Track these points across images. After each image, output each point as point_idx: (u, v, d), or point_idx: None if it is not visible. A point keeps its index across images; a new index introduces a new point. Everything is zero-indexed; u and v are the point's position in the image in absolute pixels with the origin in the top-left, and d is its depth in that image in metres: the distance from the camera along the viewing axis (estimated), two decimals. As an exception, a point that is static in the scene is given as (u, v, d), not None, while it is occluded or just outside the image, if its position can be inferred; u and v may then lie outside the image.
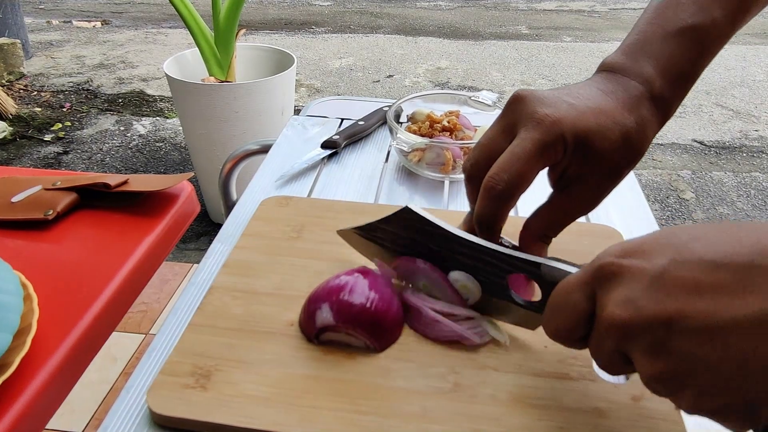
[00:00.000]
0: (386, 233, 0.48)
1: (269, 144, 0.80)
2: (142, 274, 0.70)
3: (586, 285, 0.34)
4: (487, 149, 0.44)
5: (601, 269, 0.33)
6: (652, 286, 0.30)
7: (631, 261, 0.32)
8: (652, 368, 0.30)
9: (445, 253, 0.45)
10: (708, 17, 0.44)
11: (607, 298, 0.32)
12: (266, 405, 0.39)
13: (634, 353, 0.31)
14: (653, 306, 0.30)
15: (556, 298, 0.36)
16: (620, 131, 0.42)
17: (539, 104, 0.42)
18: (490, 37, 4.08)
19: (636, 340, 0.31)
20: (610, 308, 0.32)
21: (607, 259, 0.33)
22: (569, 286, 0.35)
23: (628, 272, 0.31)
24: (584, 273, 0.34)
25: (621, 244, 0.33)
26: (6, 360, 0.50)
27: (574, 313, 0.34)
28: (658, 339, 0.29)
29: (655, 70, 0.44)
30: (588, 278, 0.34)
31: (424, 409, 0.39)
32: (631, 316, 0.30)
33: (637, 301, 0.30)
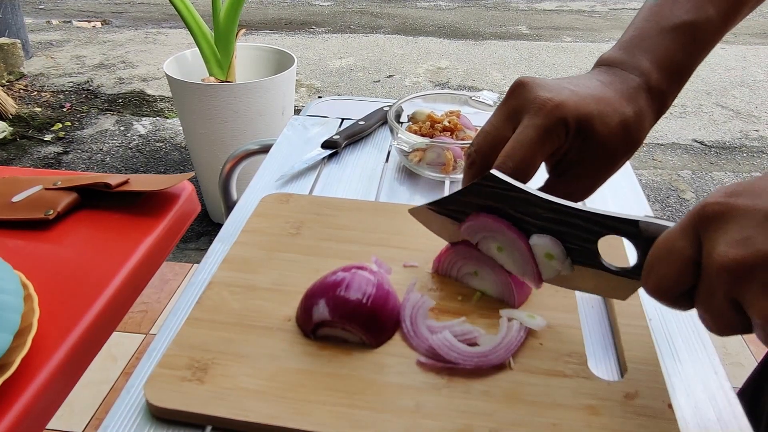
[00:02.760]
0: (462, 204, 0.47)
1: (269, 144, 0.80)
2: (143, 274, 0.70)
3: (691, 230, 0.32)
4: (491, 136, 0.44)
5: (705, 210, 0.31)
6: (765, 223, 0.29)
7: (738, 200, 0.30)
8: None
9: (529, 221, 0.43)
10: (702, 14, 0.45)
11: (716, 240, 0.30)
12: (262, 398, 0.40)
13: (749, 295, 0.29)
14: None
15: (658, 249, 0.34)
16: (619, 119, 0.43)
17: (541, 89, 0.43)
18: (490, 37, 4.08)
19: (753, 279, 0.29)
20: (722, 248, 0.30)
21: (715, 199, 0.31)
22: (673, 234, 0.33)
23: (738, 211, 0.30)
24: (687, 218, 0.32)
25: (725, 187, 0.31)
26: (6, 360, 0.50)
27: (679, 260, 0.32)
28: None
29: (652, 63, 0.45)
30: (692, 222, 0.32)
31: (418, 405, 0.40)
32: (748, 254, 0.29)
33: (754, 238, 0.29)
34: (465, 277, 0.50)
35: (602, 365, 0.44)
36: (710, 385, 0.43)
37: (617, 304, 0.48)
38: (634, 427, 0.38)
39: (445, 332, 0.43)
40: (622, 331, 0.46)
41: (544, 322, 0.45)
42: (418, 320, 0.45)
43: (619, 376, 0.43)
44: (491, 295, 0.49)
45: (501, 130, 0.44)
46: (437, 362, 0.42)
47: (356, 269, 0.46)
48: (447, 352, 0.42)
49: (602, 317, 0.49)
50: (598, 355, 0.45)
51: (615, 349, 0.46)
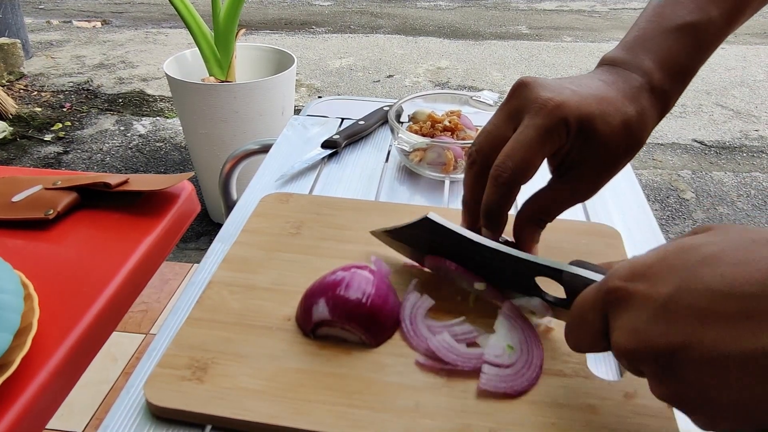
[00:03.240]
0: (413, 236, 0.49)
1: (269, 144, 0.80)
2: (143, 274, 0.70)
3: (599, 307, 0.34)
4: (492, 136, 0.45)
5: (609, 293, 0.33)
6: (657, 315, 0.30)
7: (637, 286, 0.31)
8: (661, 391, 0.31)
9: (472, 255, 0.46)
10: (705, 15, 0.46)
11: (614, 326, 0.32)
12: (261, 398, 0.40)
13: (646, 375, 0.31)
14: (657, 337, 0.30)
15: (574, 317, 0.36)
16: (621, 118, 0.43)
17: (543, 89, 0.43)
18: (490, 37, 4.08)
19: (644, 365, 0.31)
20: (616, 336, 0.32)
21: (615, 282, 0.33)
22: (584, 307, 0.35)
23: (635, 298, 0.31)
24: (596, 294, 0.34)
25: (630, 264, 0.33)
26: (6, 359, 0.50)
27: (591, 332, 0.35)
28: (665, 366, 0.29)
29: (654, 63, 0.45)
30: (599, 301, 0.34)
31: (417, 404, 0.40)
32: (636, 347, 0.30)
33: (642, 331, 0.30)
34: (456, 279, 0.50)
35: (602, 365, 0.44)
36: (710, 385, 0.43)
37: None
38: (633, 427, 0.38)
39: (443, 334, 0.43)
40: (621, 330, 0.46)
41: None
42: (417, 320, 0.45)
43: (619, 376, 0.43)
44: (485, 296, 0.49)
45: (502, 129, 0.44)
46: (436, 364, 0.42)
47: (356, 269, 0.46)
48: (446, 354, 0.42)
49: (602, 317, 0.49)
50: (598, 354, 0.45)
51: (615, 349, 0.46)
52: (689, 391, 0.29)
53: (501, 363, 0.42)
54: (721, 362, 0.27)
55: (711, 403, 0.28)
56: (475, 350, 0.43)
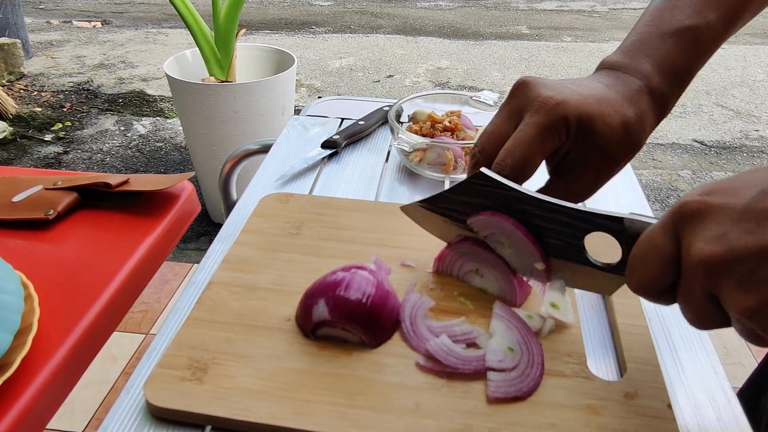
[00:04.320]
0: (453, 203, 0.47)
1: (269, 144, 0.80)
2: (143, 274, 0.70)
3: (670, 227, 0.33)
4: (494, 135, 0.45)
5: (683, 208, 0.32)
6: (742, 218, 0.29)
7: (715, 198, 0.31)
8: (745, 302, 0.29)
9: (520, 218, 0.44)
10: (703, 19, 0.46)
11: (694, 237, 0.31)
12: (261, 398, 0.40)
13: (725, 290, 0.30)
14: (745, 238, 0.29)
15: (640, 247, 0.35)
16: (620, 120, 0.43)
17: (543, 88, 0.43)
18: (490, 37, 4.08)
19: (728, 275, 0.29)
20: (699, 245, 0.30)
21: (690, 198, 0.32)
22: (653, 232, 0.34)
23: (715, 208, 0.30)
24: (667, 216, 0.33)
25: (703, 185, 0.32)
26: (7, 360, 0.50)
27: (660, 257, 0.33)
28: (753, 271, 0.29)
29: (653, 67, 0.45)
30: (671, 220, 0.33)
31: (417, 404, 0.40)
32: (723, 250, 0.29)
33: (728, 234, 0.29)
34: (467, 276, 0.50)
35: (602, 365, 0.44)
36: (710, 385, 0.43)
37: (617, 304, 0.48)
38: (633, 427, 0.38)
39: (442, 336, 0.43)
40: (621, 330, 0.46)
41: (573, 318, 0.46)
42: (417, 320, 0.45)
43: (619, 376, 0.43)
44: (493, 293, 0.49)
45: (503, 129, 0.44)
46: (436, 366, 0.42)
47: (356, 269, 0.46)
48: (445, 357, 0.42)
49: (602, 317, 0.49)
50: (598, 354, 0.45)
51: (614, 349, 0.46)
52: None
53: (505, 367, 0.42)
54: None
55: None
56: (475, 352, 0.43)
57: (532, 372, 0.41)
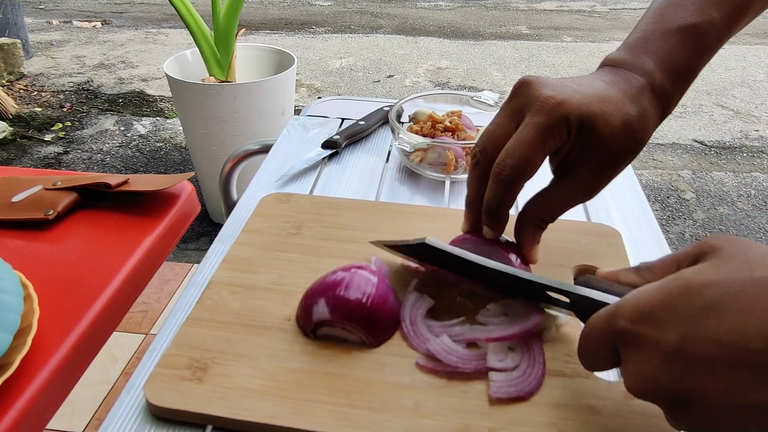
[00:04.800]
0: (414, 252, 0.50)
1: (270, 144, 0.80)
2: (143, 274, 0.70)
3: (609, 343, 0.35)
4: (495, 135, 0.45)
5: (618, 334, 0.34)
6: (665, 362, 0.31)
7: (644, 329, 0.32)
8: (674, 424, 0.32)
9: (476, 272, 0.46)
10: (706, 17, 0.46)
11: (625, 365, 0.33)
12: (261, 398, 0.40)
13: (661, 408, 0.32)
14: (666, 383, 0.31)
15: (586, 346, 0.37)
16: (622, 118, 0.43)
17: (544, 87, 0.43)
18: (490, 37, 4.08)
19: (659, 403, 0.32)
20: (626, 379, 0.33)
21: (623, 324, 0.33)
22: (595, 340, 0.36)
23: (643, 342, 0.32)
24: (606, 332, 0.35)
25: (637, 303, 0.33)
26: (7, 360, 0.50)
27: (603, 361, 0.36)
28: (680, 407, 0.31)
29: (656, 64, 0.45)
30: (609, 339, 0.34)
31: (417, 404, 0.40)
32: (647, 390, 0.32)
33: (652, 376, 0.31)
34: None
35: (603, 365, 0.44)
36: (711, 386, 0.43)
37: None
38: (633, 428, 0.38)
39: (443, 336, 0.43)
40: (622, 331, 0.46)
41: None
42: (417, 320, 0.45)
43: (619, 376, 0.43)
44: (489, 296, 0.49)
45: (504, 129, 0.44)
46: (437, 365, 0.42)
47: (356, 269, 0.46)
48: (446, 357, 0.42)
49: (603, 317, 0.49)
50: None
51: (615, 350, 0.46)
52: (702, 426, 0.30)
53: (506, 367, 0.41)
54: (729, 409, 0.29)
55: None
56: (475, 351, 0.43)
57: (534, 371, 0.41)
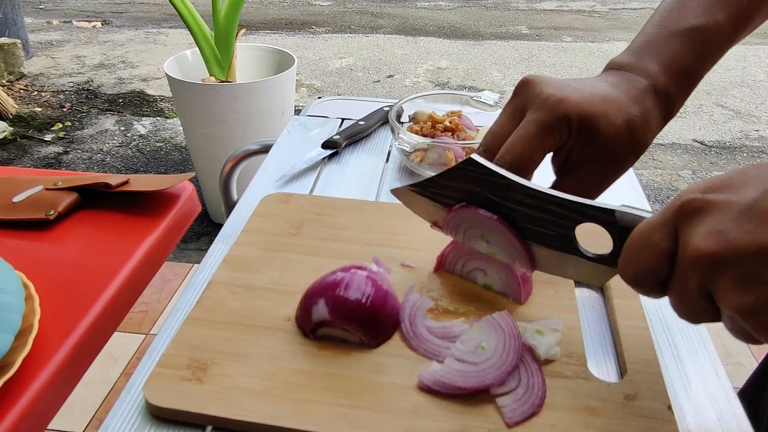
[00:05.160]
0: (443, 188, 0.47)
1: (270, 144, 0.80)
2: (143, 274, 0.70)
3: (669, 223, 0.33)
4: (497, 135, 0.45)
5: (684, 205, 0.32)
6: (743, 216, 0.29)
7: (717, 195, 0.31)
8: (741, 301, 0.29)
9: (508, 206, 0.44)
10: (711, 20, 0.45)
11: (692, 233, 0.31)
12: (261, 398, 0.40)
13: (721, 287, 0.30)
14: (745, 236, 0.29)
15: (636, 240, 0.34)
16: (625, 119, 0.43)
17: (545, 86, 0.43)
18: (490, 37, 4.08)
19: (725, 272, 0.29)
20: (697, 241, 0.30)
21: (691, 195, 0.31)
22: (650, 226, 0.34)
23: (715, 206, 0.30)
24: (665, 211, 0.33)
25: (704, 181, 0.32)
26: (7, 360, 0.50)
27: (656, 252, 0.33)
28: (750, 270, 0.29)
29: (659, 66, 0.45)
30: (670, 216, 0.33)
31: (416, 405, 0.40)
32: (722, 247, 0.29)
33: (728, 231, 0.29)
34: (470, 273, 0.50)
35: (602, 366, 0.44)
36: (711, 386, 0.43)
37: (618, 305, 0.48)
38: (633, 429, 0.38)
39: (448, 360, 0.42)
40: (622, 332, 0.46)
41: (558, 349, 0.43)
42: (417, 321, 0.45)
43: (619, 378, 0.43)
44: (497, 290, 0.49)
45: (507, 128, 0.45)
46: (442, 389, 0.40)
47: (355, 269, 0.46)
48: (453, 379, 0.40)
49: (602, 318, 0.49)
50: (598, 356, 0.45)
51: (615, 350, 0.46)
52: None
53: (465, 359, 0.41)
54: None
55: None
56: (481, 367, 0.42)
57: (536, 381, 0.40)
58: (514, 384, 0.41)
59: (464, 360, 0.41)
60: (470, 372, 0.40)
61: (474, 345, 0.42)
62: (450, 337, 0.44)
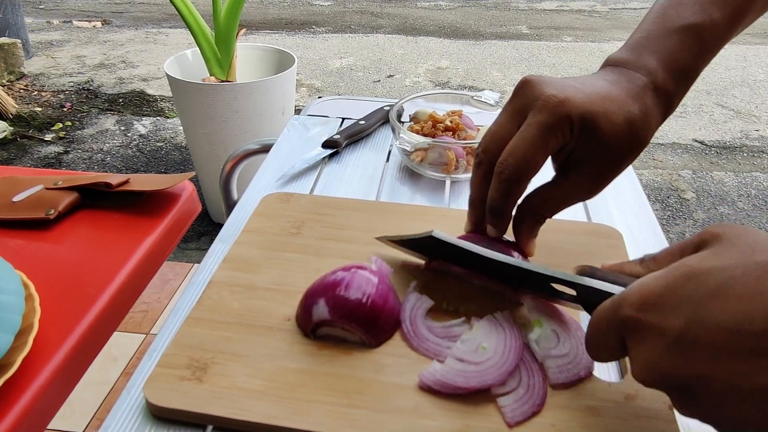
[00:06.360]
0: (419, 246, 0.50)
1: (270, 143, 0.80)
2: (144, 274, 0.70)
3: (615, 332, 0.35)
4: (497, 136, 0.45)
5: (623, 323, 0.34)
6: (671, 349, 0.31)
7: (649, 317, 0.32)
8: (683, 412, 0.32)
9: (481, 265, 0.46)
10: (708, 17, 0.46)
11: (632, 354, 0.33)
12: (261, 398, 0.40)
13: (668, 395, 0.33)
14: (672, 371, 0.31)
15: (592, 337, 0.37)
16: (625, 117, 0.43)
17: (546, 86, 0.43)
18: (490, 36, 4.08)
19: (665, 391, 0.32)
20: (633, 368, 0.33)
21: (628, 312, 0.33)
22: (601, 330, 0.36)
23: (648, 329, 0.32)
24: (611, 320, 0.35)
25: (641, 291, 0.33)
26: (8, 360, 0.50)
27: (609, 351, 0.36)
28: (684, 395, 0.31)
29: (658, 63, 0.46)
30: (614, 328, 0.35)
31: (417, 405, 0.40)
32: (654, 379, 0.32)
33: (658, 364, 0.31)
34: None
35: (602, 366, 0.44)
36: (711, 385, 0.43)
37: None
38: (634, 429, 0.38)
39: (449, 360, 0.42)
40: (623, 331, 0.46)
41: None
42: (417, 320, 0.45)
43: (620, 378, 0.43)
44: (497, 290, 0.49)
45: (507, 128, 0.45)
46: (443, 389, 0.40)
47: (356, 269, 0.46)
48: (453, 379, 0.40)
49: (603, 317, 0.49)
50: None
51: (616, 349, 0.46)
52: (711, 413, 0.30)
53: (466, 359, 0.41)
54: (735, 394, 0.28)
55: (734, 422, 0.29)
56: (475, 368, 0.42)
57: (536, 381, 0.40)
58: (514, 384, 0.40)
59: (465, 360, 0.41)
60: (471, 372, 0.40)
61: (475, 345, 0.42)
62: (451, 336, 0.44)
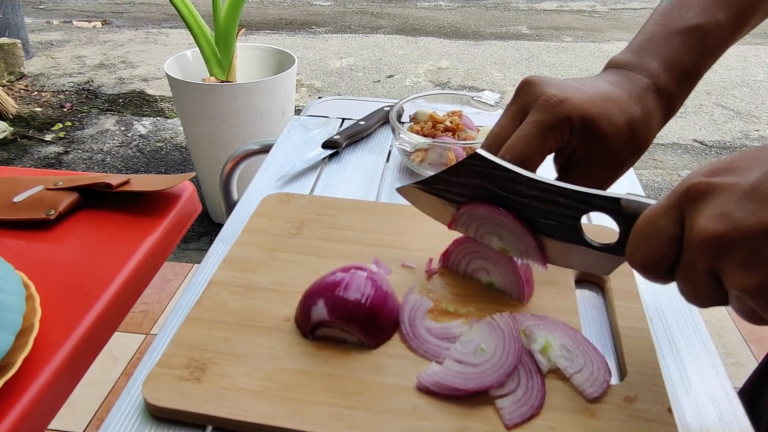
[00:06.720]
0: (449, 184, 0.47)
1: (270, 144, 0.80)
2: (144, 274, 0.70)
3: (675, 207, 0.33)
4: (499, 136, 0.45)
5: (689, 189, 0.32)
6: (747, 197, 0.29)
7: (721, 178, 0.31)
8: (748, 280, 0.29)
9: (515, 198, 0.44)
10: (711, 18, 0.46)
11: (698, 216, 0.31)
12: (259, 398, 0.40)
13: (728, 268, 0.30)
14: (750, 217, 0.29)
15: (643, 226, 0.35)
16: (626, 118, 0.43)
17: (547, 86, 0.43)
18: (490, 37, 4.08)
19: (731, 253, 0.30)
20: (703, 223, 0.31)
21: (696, 179, 0.32)
22: (656, 212, 0.34)
23: (720, 188, 0.31)
24: (671, 196, 0.33)
25: (709, 164, 0.32)
26: (8, 360, 0.50)
27: (663, 237, 0.33)
28: (756, 249, 0.29)
29: (660, 65, 0.45)
30: (676, 200, 0.33)
31: (415, 406, 0.40)
32: (727, 228, 0.30)
33: (732, 213, 0.30)
34: (474, 272, 0.50)
35: (603, 366, 0.44)
36: (711, 385, 0.43)
37: (618, 306, 0.48)
38: (633, 431, 0.38)
39: (447, 361, 0.42)
40: (622, 333, 0.46)
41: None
42: (416, 322, 0.45)
43: (619, 380, 0.43)
44: (500, 288, 0.49)
45: (508, 129, 0.45)
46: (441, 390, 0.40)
47: (355, 270, 0.46)
48: (452, 380, 0.40)
49: (602, 319, 0.49)
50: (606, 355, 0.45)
51: (615, 352, 0.46)
52: None
53: (465, 361, 0.41)
54: None
55: None
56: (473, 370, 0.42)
57: (535, 383, 0.41)
58: (513, 386, 0.41)
59: (463, 361, 0.41)
60: (469, 373, 0.40)
61: (473, 346, 0.42)
62: (450, 338, 0.44)
